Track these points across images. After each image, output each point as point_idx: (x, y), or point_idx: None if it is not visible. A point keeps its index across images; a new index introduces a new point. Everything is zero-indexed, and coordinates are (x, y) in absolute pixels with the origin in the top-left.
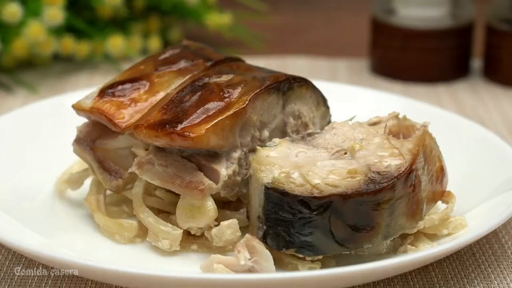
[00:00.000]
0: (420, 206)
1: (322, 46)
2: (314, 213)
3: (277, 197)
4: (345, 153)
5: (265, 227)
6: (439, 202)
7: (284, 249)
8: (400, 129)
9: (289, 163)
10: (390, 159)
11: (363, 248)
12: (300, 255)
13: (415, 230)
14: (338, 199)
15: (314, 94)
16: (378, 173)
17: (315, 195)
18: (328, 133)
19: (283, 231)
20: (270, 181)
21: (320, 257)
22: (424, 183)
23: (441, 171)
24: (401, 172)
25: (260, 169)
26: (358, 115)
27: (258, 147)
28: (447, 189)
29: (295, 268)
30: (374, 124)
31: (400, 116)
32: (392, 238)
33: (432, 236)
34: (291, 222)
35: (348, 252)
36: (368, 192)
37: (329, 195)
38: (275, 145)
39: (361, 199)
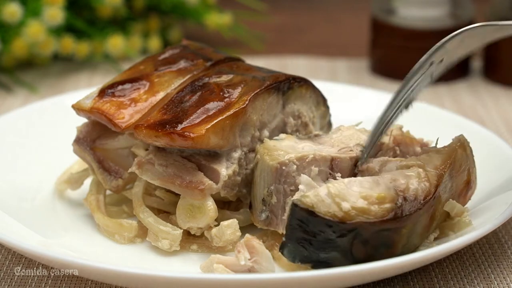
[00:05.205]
0: (433, 223)
1: (322, 46)
2: (338, 235)
3: (304, 215)
4: (351, 150)
5: (284, 239)
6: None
7: (300, 263)
8: (403, 138)
9: (296, 152)
10: (417, 181)
11: None
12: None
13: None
14: (364, 225)
15: (314, 94)
16: (405, 199)
17: (342, 220)
18: (334, 134)
19: (302, 247)
20: (298, 198)
21: None
22: (444, 200)
23: (467, 185)
24: (427, 199)
25: (267, 153)
26: (358, 114)
27: (266, 139)
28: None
29: None
30: None
31: (404, 130)
32: None
33: None
34: (312, 240)
35: None
36: (395, 221)
37: (356, 222)
38: (281, 139)
39: (387, 226)
